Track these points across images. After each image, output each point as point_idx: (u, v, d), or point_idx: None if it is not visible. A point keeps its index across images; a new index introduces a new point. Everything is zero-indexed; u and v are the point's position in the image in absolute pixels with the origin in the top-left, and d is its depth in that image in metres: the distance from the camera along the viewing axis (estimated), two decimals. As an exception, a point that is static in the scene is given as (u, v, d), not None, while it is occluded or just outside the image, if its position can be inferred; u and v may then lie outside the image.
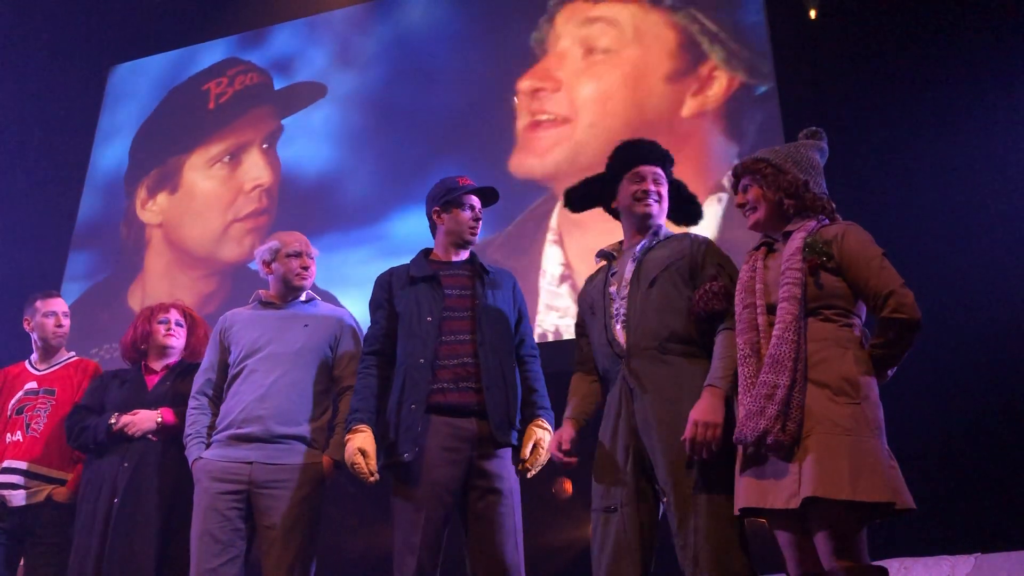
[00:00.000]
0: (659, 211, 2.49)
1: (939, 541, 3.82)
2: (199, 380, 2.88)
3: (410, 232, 4.83)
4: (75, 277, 5.90)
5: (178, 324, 3.19)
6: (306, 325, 2.88)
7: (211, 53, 6.36)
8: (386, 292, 2.70)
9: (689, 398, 2.18)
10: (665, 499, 2.16)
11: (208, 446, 2.74)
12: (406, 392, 2.50)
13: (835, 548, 1.89)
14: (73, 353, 3.49)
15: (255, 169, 5.76)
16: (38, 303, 3.43)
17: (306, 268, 2.95)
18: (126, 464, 2.89)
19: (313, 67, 5.92)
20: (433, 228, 2.81)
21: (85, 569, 2.81)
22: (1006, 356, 3.97)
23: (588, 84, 5.08)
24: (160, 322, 3.16)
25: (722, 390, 2.13)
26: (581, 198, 2.64)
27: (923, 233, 4.15)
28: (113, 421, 2.93)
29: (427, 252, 2.80)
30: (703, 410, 2.11)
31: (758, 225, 2.28)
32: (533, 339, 2.78)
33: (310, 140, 5.67)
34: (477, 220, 2.75)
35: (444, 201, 2.74)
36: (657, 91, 4.90)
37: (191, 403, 2.84)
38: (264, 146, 5.82)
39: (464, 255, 2.77)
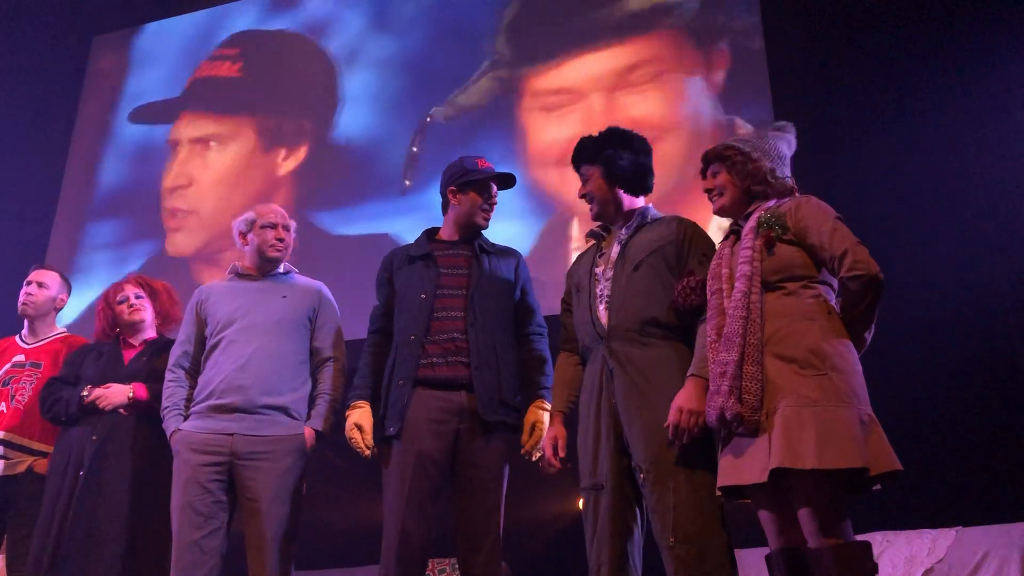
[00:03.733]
0: (596, 206, 2.49)
1: (921, 515, 3.87)
2: (175, 352, 2.86)
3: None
4: (97, 246, 5.86)
5: (137, 297, 3.17)
6: (284, 296, 2.87)
7: (239, 16, 6.25)
8: (387, 271, 2.75)
9: (665, 380, 2.22)
10: (643, 476, 2.18)
11: (186, 418, 2.73)
12: (396, 368, 2.56)
13: (819, 526, 1.91)
14: (63, 328, 3.48)
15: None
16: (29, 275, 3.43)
17: (281, 240, 2.92)
18: (94, 437, 2.89)
19: (349, 31, 5.84)
20: (445, 206, 2.81)
21: (47, 541, 2.80)
22: (986, 331, 4.00)
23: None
24: (119, 302, 3.15)
25: (704, 379, 2.14)
26: None
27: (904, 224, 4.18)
28: (85, 393, 2.93)
29: (432, 232, 2.81)
30: (686, 397, 2.13)
31: (724, 210, 2.31)
32: (539, 316, 2.76)
33: (355, 105, 5.61)
34: (491, 206, 2.75)
35: (462, 182, 2.74)
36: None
37: (168, 375, 2.82)
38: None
39: (467, 232, 2.76)
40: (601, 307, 2.36)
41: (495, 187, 2.77)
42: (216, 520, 2.60)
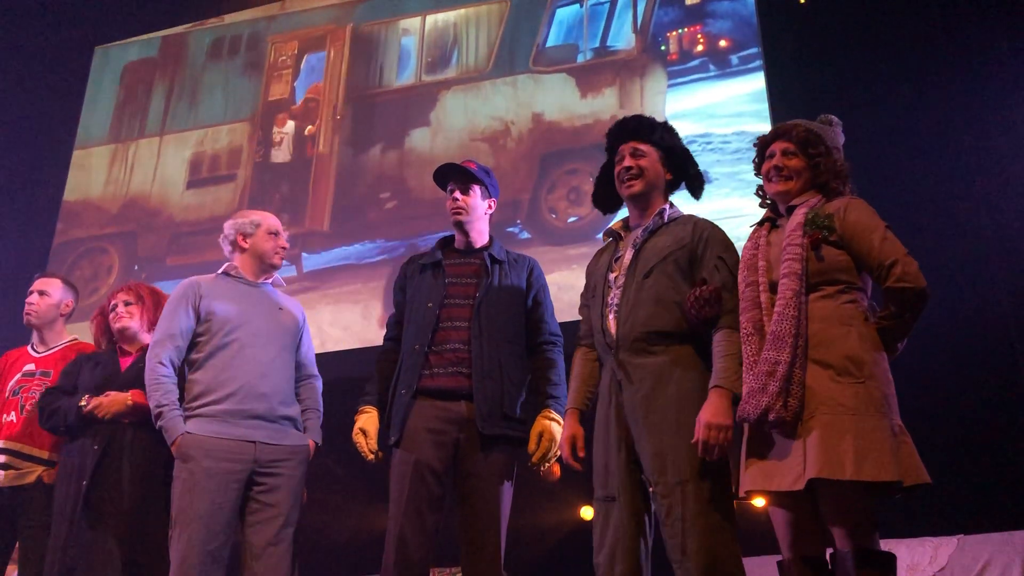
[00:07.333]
0: (644, 185, 2.40)
1: (922, 523, 3.87)
2: (167, 346, 2.70)
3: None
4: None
5: (126, 304, 3.11)
6: (280, 308, 2.89)
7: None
8: (402, 280, 2.77)
9: (671, 387, 2.18)
10: (652, 489, 2.16)
11: (187, 419, 2.64)
12: (400, 377, 2.58)
13: (849, 533, 1.91)
14: (75, 336, 3.47)
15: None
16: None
17: (284, 248, 2.96)
18: (96, 447, 2.86)
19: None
20: None
21: (56, 554, 2.79)
22: (988, 340, 3.99)
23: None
24: (111, 311, 3.13)
25: (728, 390, 2.10)
26: (604, 198, 2.56)
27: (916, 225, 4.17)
28: (84, 403, 2.89)
29: (446, 240, 2.80)
30: (713, 412, 2.08)
31: (787, 195, 2.22)
32: (553, 325, 2.71)
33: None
34: (455, 201, 2.71)
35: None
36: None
37: (161, 370, 2.67)
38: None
39: (480, 242, 2.75)
40: (611, 316, 2.31)
41: (458, 183, 2.73)
42: (232, 531, 2.60)
